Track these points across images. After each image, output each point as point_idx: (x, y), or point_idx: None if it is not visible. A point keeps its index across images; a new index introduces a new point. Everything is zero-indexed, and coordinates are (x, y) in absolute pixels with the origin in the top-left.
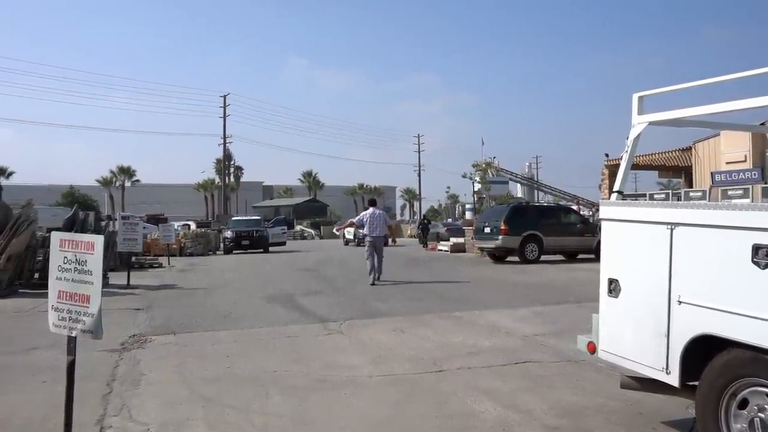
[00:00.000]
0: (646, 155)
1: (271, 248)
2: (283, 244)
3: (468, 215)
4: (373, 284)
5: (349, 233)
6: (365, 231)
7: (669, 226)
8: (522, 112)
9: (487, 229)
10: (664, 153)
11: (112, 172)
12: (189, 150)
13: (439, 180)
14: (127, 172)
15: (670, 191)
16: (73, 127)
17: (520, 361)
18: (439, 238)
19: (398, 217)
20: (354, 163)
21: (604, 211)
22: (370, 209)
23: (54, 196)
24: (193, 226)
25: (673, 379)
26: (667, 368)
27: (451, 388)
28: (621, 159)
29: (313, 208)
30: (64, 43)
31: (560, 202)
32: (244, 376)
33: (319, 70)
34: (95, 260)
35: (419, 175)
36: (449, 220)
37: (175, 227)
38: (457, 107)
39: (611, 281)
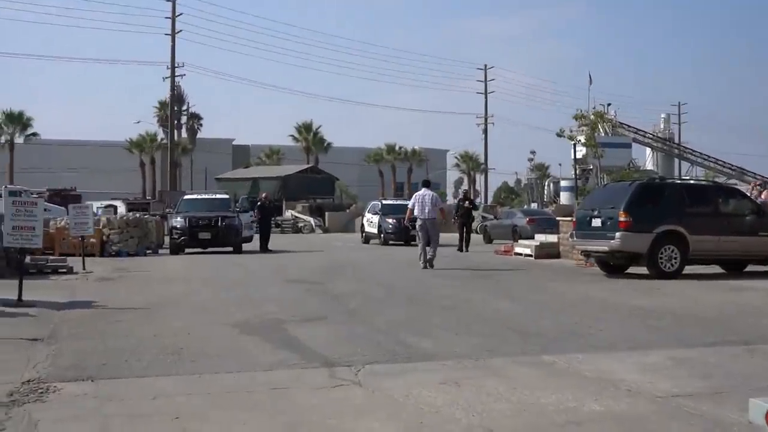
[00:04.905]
0: None
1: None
2: (249, 240)
3: (564, 198)
4: (425, 267)
5: (372, 224)
6: (415, 213)
7: None
8: (654, 34)
9: (597, 222)
10: None
11: None
12: (116, 89)
13: (516, 141)
14: (17, 120)
15: None
16: None
17: None
18: (516, 234)
19: (448, 200)
20: (380, 113)
21: None
22: (422, 190)
23: None
24: (121, 208)
25: None
26: None
27: None
28: None
29: (314, 183)
30: None
31: (717, 179)
32: None
33: None
34: None
35: (485, 132)
36: (533, 205)
37: (95, 210)
38: (548, 25)
39: None
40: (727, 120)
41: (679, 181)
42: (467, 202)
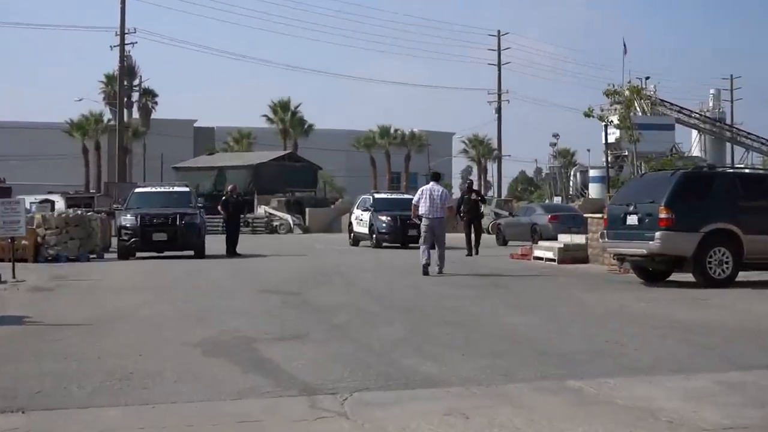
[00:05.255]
0: None
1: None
2: (199, 246)
3: (594, 191)
4: (426, 274)
5: (362, 224)
6: (421, 211)
7: None
8: None
9: (633, 219)
10: None
11: None
12: (54, 59)
13: (536, 122)
14: None
15: None
16: None
17: None
18: (535, 234)
19: (454, 193)
20: (373, 89)
21: None
22: (430, 184)
23: None
24: (60, 203)
25: None
26: None
27: None
28: None
29: (292, 173)
30: None
31: None
32: None
33: None
34: None
35: (498, 111)
36: (556, 199)
37: (27, 206)
38: None
39: None
40: None
41: (731, 170)
42: (474, 193)
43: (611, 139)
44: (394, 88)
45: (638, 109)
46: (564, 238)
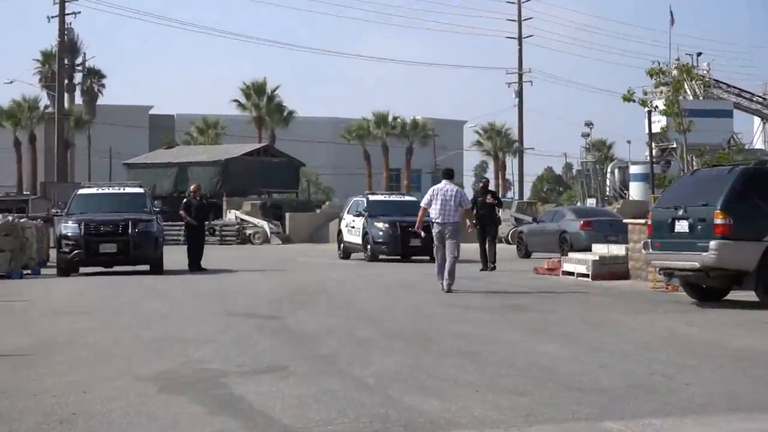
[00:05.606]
0: None
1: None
2: (156, 260)
3: (635, 191)
4: (446, 290)
5: (354, 232)
6: (432, 214)
7: None
8: None
9: (682, 225)
10: None
11: None
12: None
13: (565, 108)
14: None
15: None
16: None
17: None
18: (565, 244)
19: (467, 191)
20: (366, 68)
21: None
22: (442, 183)
23: None
24: None
25: None
26: None
27: None
28: None
29: (268, 171)
30: None
31: None
32: None
33: None
34: None
35: (519, 95)
36: (590, 201)
37: None
38: None
39: None
40: None
41: None
42: (489, 195)
43: (656, 128)
44: (392, 67)
45: (689, 91)
46: (599, 249)
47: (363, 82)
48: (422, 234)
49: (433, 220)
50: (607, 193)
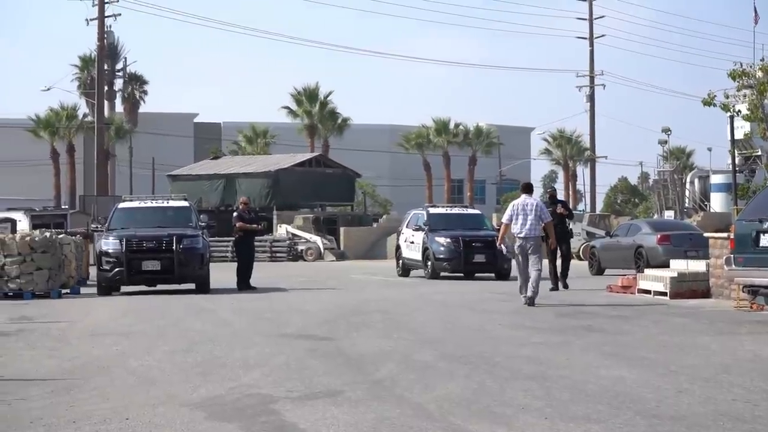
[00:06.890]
0: None
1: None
2: (202, 277)
3: (717, 202)
4: (529, 304)
5: (413, 247)
6: (515, 230)
7: None
8: None
9: None
10: None
11: None
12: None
13: (639, 113)
14: None
15: None
16: None
17: None
18: (641, 259)
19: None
20: (425, 71)
21: None
22: (521, 197)
23: None
24: (24, 222)
25: None
26: None
27: None
28: None
29: (322, 183)
30: None
31: None
32: None
33: None
34: None
35: (591, 99)
36: (668, 214)
37: None
38: None
39: None
40: None
41: None
42: (559, 206)
43: (739, 134)
44: (453, 70)
45: None
46: (678, 265)
47: (422, 86)
48: (504, 250)
49: (516, 235)
50: (687, 205)
